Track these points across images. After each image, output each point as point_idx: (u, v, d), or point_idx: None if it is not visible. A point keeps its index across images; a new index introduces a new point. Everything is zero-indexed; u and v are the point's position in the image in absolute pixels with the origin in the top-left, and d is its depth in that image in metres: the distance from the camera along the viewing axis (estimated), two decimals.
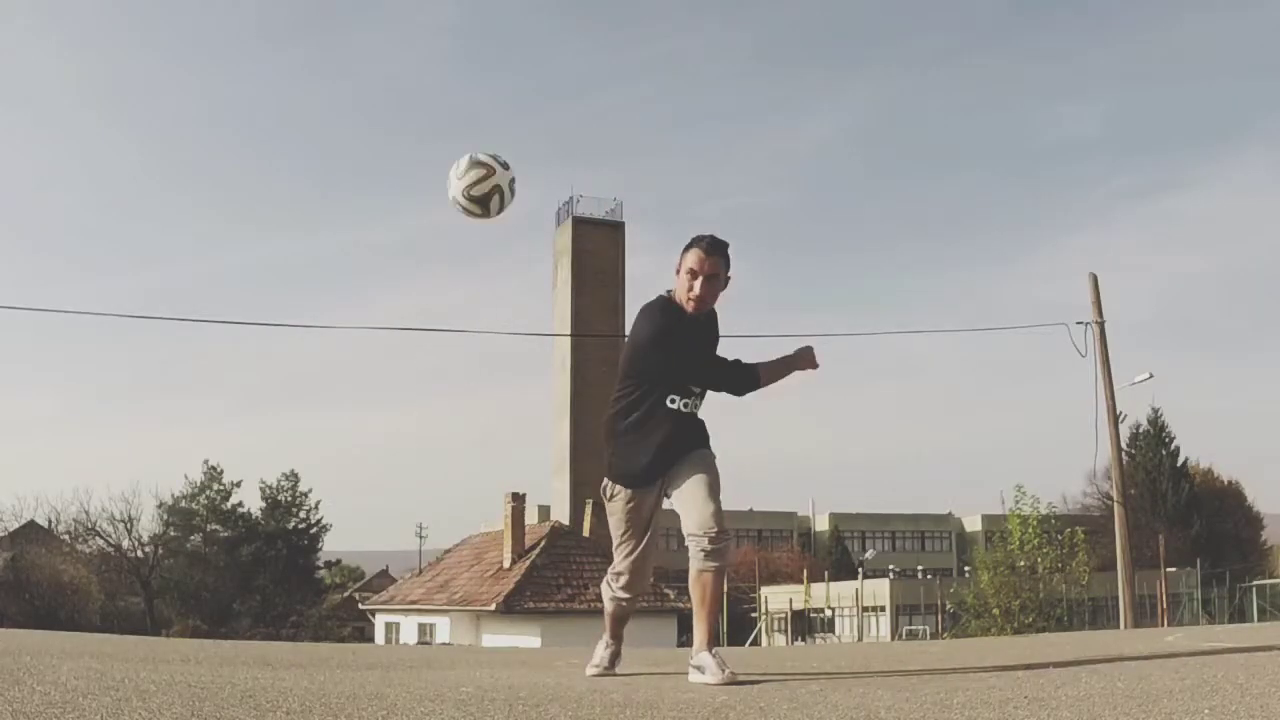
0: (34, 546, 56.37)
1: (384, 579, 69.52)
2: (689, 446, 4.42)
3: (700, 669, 4.24)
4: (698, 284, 4.30)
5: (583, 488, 45.57)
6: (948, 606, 41.23)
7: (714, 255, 4.33)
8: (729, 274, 4.37)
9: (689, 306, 4.33)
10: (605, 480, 4.57)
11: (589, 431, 41.33)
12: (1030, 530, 32.44)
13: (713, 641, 4.35)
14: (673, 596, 33.36)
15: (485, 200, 4.40)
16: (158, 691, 3.44)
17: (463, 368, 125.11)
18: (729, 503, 4.34)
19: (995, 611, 31.52)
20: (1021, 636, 23.72)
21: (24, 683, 3.52)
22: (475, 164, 4.40)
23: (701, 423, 4.51)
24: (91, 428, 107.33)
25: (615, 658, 4.87)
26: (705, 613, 4.29)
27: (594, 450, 44.77)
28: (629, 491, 4.49)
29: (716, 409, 4.48)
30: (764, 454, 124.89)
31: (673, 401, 4.35)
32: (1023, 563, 31.94)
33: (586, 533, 38.11)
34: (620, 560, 4.68)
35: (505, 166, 4.42)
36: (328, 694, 3.56)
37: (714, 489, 4.29)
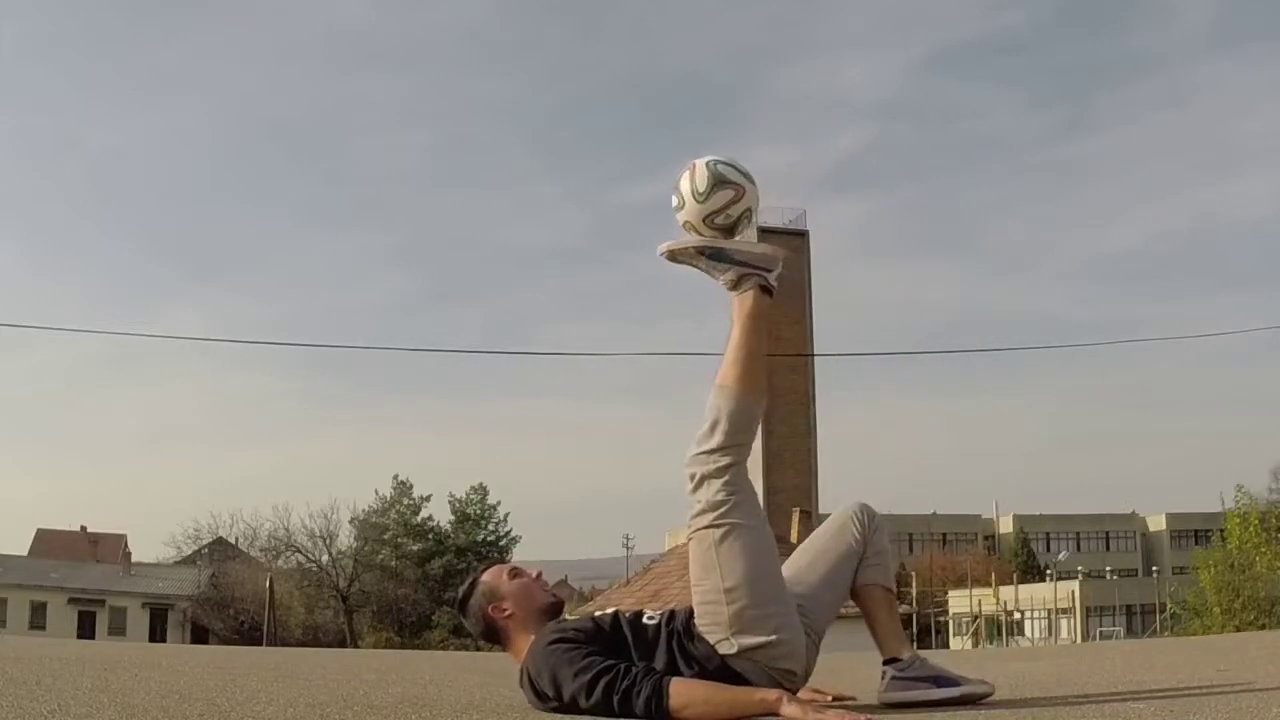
0: (231, 564, 58.35)
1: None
2: None
3: None
4: None
5: (778, 495, 45.84)
6: (1169, 607, 40.70)
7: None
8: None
9: None
10: None
11: (781, 439, 41.81)
12: (1251, 529, 32.23)
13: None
14: None
15: (731, 229, 3.23)
16: None
17: (642, 378, 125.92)
18: (915, 507, 3.97)
19: (1216, 610, 31.27)
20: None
21: None
22: (721, 182, 3.18)
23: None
24: (269, 442, 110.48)
25: None
26: None
27: (788, 459, 45.30)
28: None
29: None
30: (945, 454, 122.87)
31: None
32: (1241, 561, 31.76)
33: (794, 539, 38.34)
34: None
35: (753, 181, 3.24)
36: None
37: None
